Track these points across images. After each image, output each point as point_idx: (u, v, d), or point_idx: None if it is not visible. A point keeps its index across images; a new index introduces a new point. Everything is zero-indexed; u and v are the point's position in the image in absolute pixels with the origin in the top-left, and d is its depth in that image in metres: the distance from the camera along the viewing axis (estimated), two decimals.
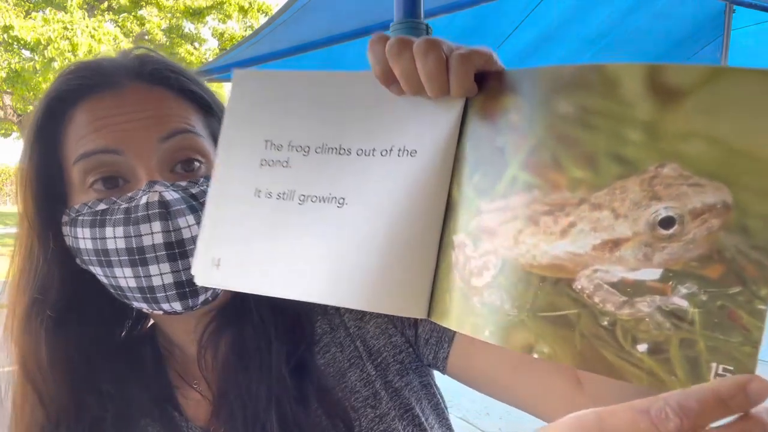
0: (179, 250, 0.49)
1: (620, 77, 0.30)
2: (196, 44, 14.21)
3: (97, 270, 0.52)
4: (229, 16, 13.01)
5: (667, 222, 0.28)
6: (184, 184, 0.51)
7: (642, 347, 0.29)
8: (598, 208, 0.30)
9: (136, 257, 0.49)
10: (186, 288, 0.50)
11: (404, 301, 0.37)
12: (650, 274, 0.29)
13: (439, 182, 0.36)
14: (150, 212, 0.48)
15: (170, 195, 0.49)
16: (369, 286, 0.37)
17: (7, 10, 10.35)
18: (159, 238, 0.48)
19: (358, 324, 0.60)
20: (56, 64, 10.06)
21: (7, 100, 12.32)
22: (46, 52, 10.01)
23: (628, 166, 0.29)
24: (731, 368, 0.27)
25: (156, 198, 0.48)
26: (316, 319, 0.61)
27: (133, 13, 13.13)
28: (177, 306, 0.51)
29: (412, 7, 1.83)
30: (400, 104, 0.36)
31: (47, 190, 0.53)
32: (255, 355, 0.55)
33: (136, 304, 0.53)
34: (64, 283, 0.53)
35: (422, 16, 1.86)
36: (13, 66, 10.51)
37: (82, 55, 10.18)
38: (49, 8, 11.06)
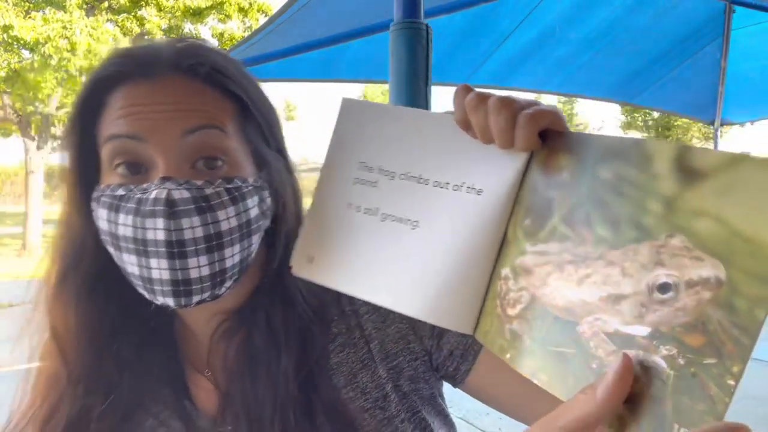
0: (178, 250, 0.49)
1: (654, 153, 0.33)
2: None
3: (111, 251, 0.53)
4: (229, 17, 13.01)
5: (664, 287, 0.32)
6: (199, 183, 0.51)
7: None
8: (611, 264, 0.34)
9: (140, 248, 0.50)
10: (181, 287, 0.50)
11: (457, 318, 0.43)
12: (640, 331, 0.32)
13: (498, 220, 0.41)
14: (156, 208, 0.49)
15: (179, 194, 0.49)
16: (429, 301, 0.43)
17: (6, 10, 10.34)
18: (161, 235, 0.49)
19: (379, 326, 0.61)
20: (54, 63, 10.05)
21: (7, 100, 12.32)
22: (44, 50, 9.99)
23: (643, 233, 0.33)
24: None
25: (164, 195, 0.49)
26: (333, 320, 0.61)
27: (132, 13, 13.12)
28: (170, 302, 0.51)
29: (412, 7, 1.83)
30: (474, 147, 0.42)
31: (84, 166, 0.55)
32: (263, 361, 0.56)
33: (139, 290, 0.53)
34: (97, 255, 0.55)
35: (422, 16, 1.86)
36: (12, 66, 10.50)
37: (81, 54, 10.17)
38: (49, 8, 11.06)
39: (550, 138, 0.40)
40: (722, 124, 10.28)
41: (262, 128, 0.58)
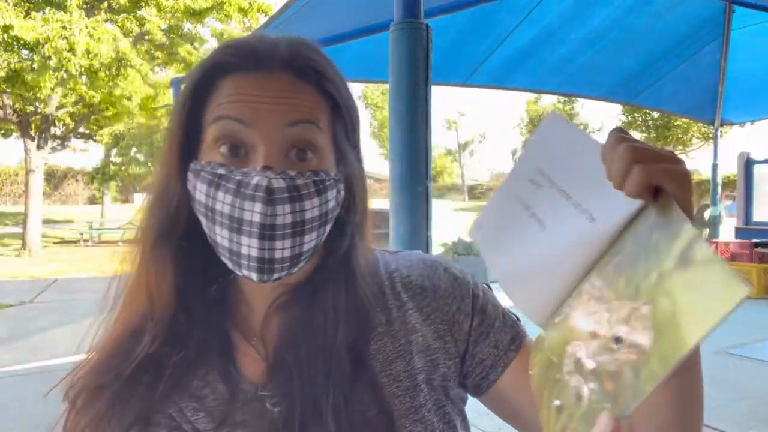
0: (269, 233, 0.56)
1: (680, 233, 0.39)
2: (196, 44, 14.21)
3: (202, 220, 0.59)
4: (229, 16, 13.00)
5: (617, 340, 0.40)
6: (292, 174, 0.57)
7: (556, 402, 0.45)
8: (609, 310, 0.42)
9: (234, 225, 0.56)
10: (266, 265, 0.57)
11: (537, 314, 0.52)
12: (590, 364, 0.42)
13: (596, 249, 0.47)
14: (256, 194, 0.55)
15: (277, 183, 0.56)
16: (526, 290, 0.53)
17: (6, 10, 10.34)
18: (257, 218, 0.55)
19: (422, 321, 0.66)
20: (54, 63, 10.04)
21: (7, 100, 12.32)
22: (44, 50, 9.99)
23: (635, 294, 0.40)
24: None
25: (265, 183, 0.55)
26: (375, 311, 0.66)
27: (132, 13, 13.13)
28: (253, 276, 0.58)
29: (412, 7, 1.83)
30: (608, 182, 0.46)
31: (188, 140, 0.61)
32: (319, 335, 0.61)
33: (223, 259, 0.59)
34: (188, 220, 0.61)
35: (422, 16, 1.86)
36: (12, 66, 10.50)
37: (80, 54, 10.17)
38: (49, 8, 11.06)
39: (664, 194, 0.43)
40: (722, 124, 10.22)
41: (346, 126, 0.64)
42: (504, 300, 0.65)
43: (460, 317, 0.66)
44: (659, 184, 0.42)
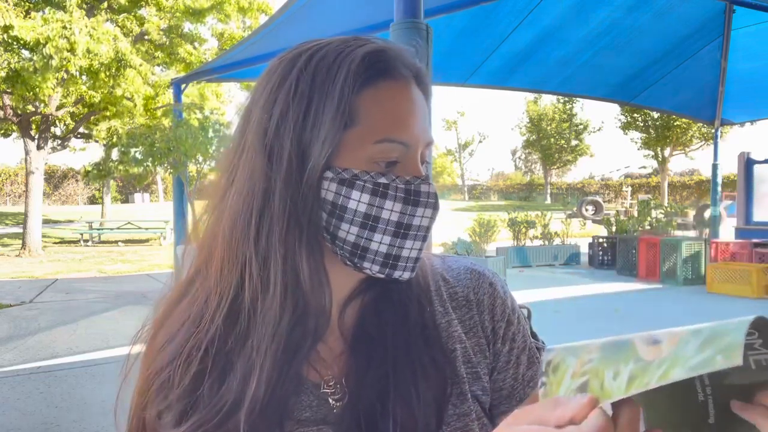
0: (428, 234, 0.61)
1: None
2: (196, 44, 14.20)
3: (350, 228, 0.59)
4: (228, 16, 12.99)
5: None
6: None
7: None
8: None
9: (401, 230, 0.59)
10: (417, 263, 0.61)
11: None
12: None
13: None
14: (429, 200, 0.59)
15: (436, 190, 0.61)
16: None
17: (6, 10, 10.33)
18: (426, 222, 0.60)
19: (466, 335, 0.67)
20: (54, 63, 10.03)
21: (7, 100, 12.31)
22: (44, 50, 9.97)
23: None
24: None
25: (434, 191, 0.60)
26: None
27: (132, 13, 13.12)
28: (406, 275, 0.60)
29: (412, 7, 1.83)
30: None
31: (316, 144, 0.58)
32: (399, 312, 0.64)
33: (365, 264, 0.60)
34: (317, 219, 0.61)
35: (422, 16, 1.86)
36: (12, 66, 10.49)
37: (81, 54, 10.16)
38: (49, 8, 11.05)
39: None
40: (722, 124, 10.20)
41: None
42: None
43: (494, 338, 0.67)
44: None
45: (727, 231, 11.33)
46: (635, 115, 25.39)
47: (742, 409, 0.43)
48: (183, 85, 8.79)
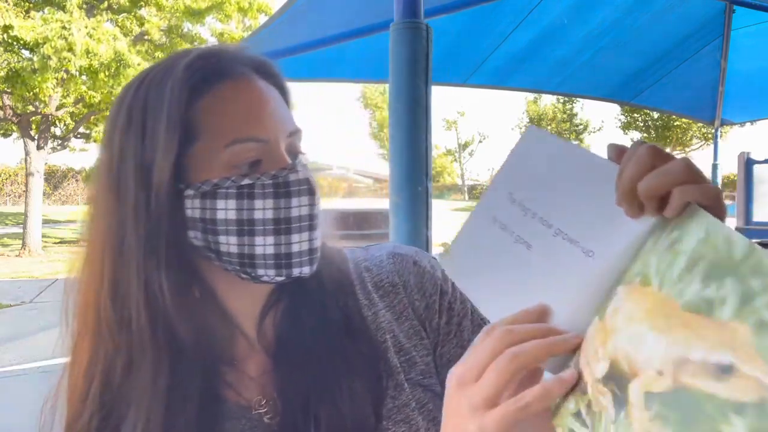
0: (314, 222, 0.57)
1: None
2: (196, 44, 14.19)
3: (228, 239, 0.56)
4: (228, 16, 12.98)
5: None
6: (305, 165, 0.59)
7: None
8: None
9: (282, 226, 0.56)
10: (312, 256, 0.58)
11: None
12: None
13: (607, 279, 0.42)
14: (301, 188, 0.56)
15: (309, 175, 0.58)
16: None
17: (6, 10, 10.33)
18: (306, 210, 0.56)
19: (395, 321, 0.65)
20: (53, 63, 10.02)
21: (7, 100, 12.31)
22: (44, 50, 9.97)
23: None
24: None
25: (306, 176, 0.57)
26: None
27: (132, 13, 13.11)
28: (306, 270, 0.57)
29: (412, 7, 1.83)
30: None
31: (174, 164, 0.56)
32: (314, 317, 0.61)
33: (259, 272, 0.57)
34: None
35: (422, 16, 1.86)
36: (12, 66, 10.49)
37: (79, 54, 10.15)
38: (49, 8, 11.05)
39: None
40: (722, 124, 10.25)
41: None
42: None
43: (429, 314, 0.66)
44: (699, 203, 0.38)
45: None
46: (635, 115, 25.40)
47: None
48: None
